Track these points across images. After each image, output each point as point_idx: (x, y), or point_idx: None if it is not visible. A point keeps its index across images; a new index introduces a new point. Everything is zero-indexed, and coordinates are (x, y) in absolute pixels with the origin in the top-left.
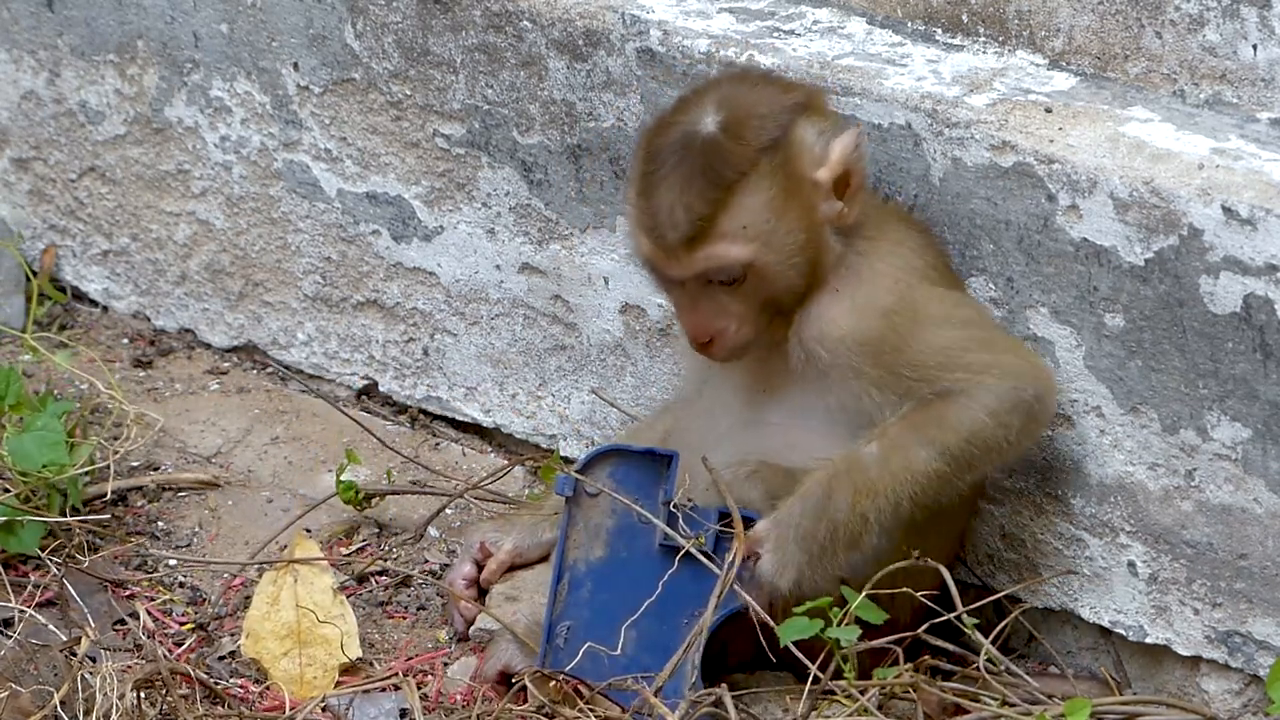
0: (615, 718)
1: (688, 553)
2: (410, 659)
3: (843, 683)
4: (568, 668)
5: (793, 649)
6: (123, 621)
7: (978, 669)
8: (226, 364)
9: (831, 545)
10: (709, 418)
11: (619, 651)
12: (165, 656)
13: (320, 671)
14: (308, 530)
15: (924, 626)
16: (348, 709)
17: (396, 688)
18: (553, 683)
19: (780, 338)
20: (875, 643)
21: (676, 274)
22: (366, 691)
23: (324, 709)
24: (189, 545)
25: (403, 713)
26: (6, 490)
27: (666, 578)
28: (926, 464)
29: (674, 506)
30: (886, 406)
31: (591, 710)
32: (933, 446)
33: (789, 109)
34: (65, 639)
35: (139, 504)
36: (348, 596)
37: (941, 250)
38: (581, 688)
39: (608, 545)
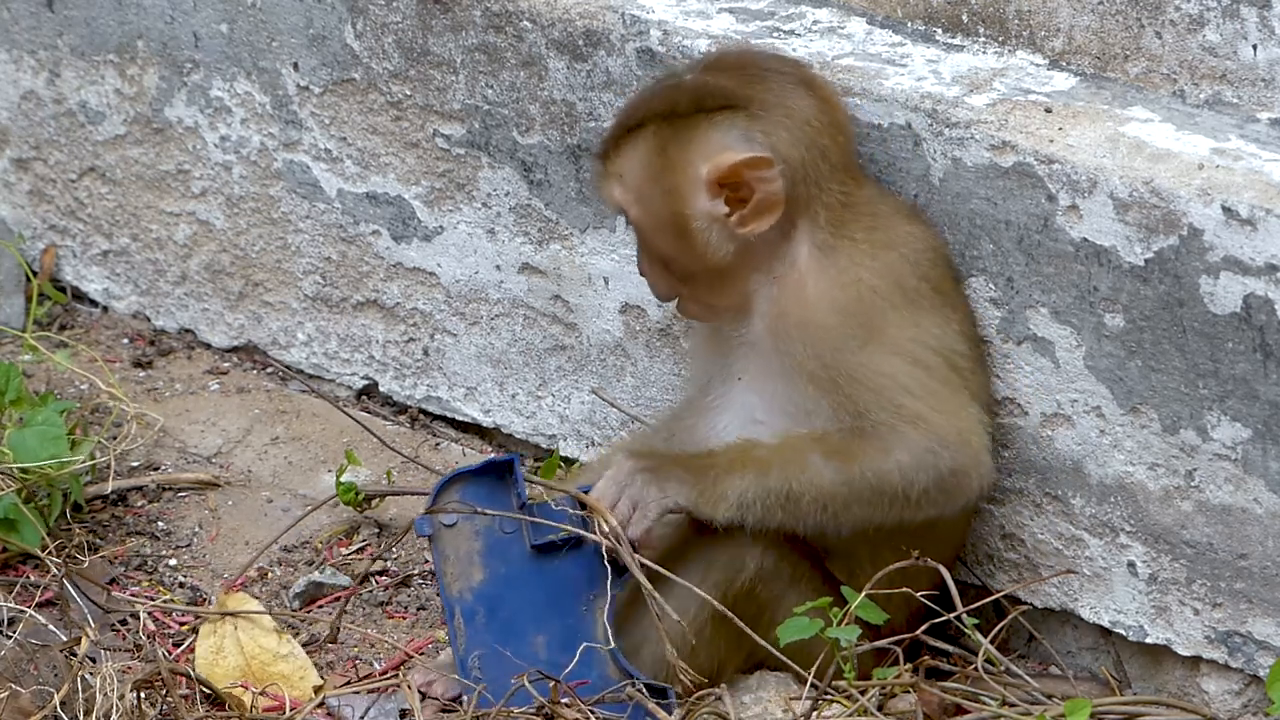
0: (615, 717)
1: (562, 545)
2: (410, 659)
3: (843, 683)
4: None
5: (781, 657)
6: (123, 621)
7: (977, 669)
8: (226, 364)
9: (712, 470)
10: (714, 414)
11: (541, 658)
12: (165, 657)
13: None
14: (305, 537)
15: (924, 626)
16: (348, 709)
17: (397, 688)
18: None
19: (738, 316)
20: (875, 644)
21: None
22: (368, 692)
23: (324, 709)
24: (189, 545)
25: (403, 713)
26: (7, 488)
27: (604, 576)
28: (819, 469)
29: (555, 502)
30: (820, 416)
31: (592, 712)
32: (829, 460)
33: (728, 94)
34: (65, 639)
35: (139, 504)
36: (347, 597)
37: (942, 263)
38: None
39: (484, 567)
